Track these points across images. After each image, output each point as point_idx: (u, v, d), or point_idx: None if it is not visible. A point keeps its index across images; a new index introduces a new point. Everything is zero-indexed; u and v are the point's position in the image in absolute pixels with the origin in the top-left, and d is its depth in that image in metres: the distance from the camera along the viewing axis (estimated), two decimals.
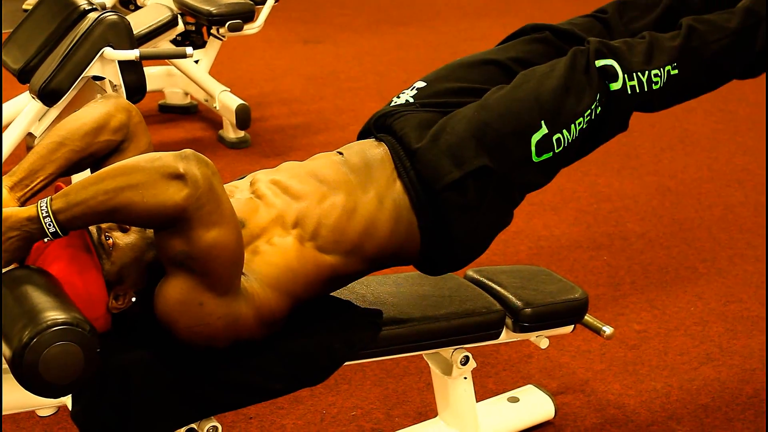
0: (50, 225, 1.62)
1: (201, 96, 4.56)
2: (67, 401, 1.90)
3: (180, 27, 4.10)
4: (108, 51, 3.23)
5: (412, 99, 2.11)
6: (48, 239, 1.65)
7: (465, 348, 2.21)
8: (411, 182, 1.96)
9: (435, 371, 2.28)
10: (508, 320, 2.22)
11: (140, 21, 3.99)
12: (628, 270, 3.27)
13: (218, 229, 1.66)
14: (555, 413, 2.49)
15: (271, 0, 4.38)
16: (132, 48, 3.27)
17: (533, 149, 2.01)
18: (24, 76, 3.45)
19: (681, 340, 2.86)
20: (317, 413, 2.53)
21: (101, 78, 3.32)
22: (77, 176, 2.20)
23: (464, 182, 1.96)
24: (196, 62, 4.42)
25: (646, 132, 4.43)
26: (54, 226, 1.62)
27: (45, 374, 1.54)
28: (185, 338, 1.74)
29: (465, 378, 2.26)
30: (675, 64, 2.17)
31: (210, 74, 4.44)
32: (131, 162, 1.64)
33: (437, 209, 1.96)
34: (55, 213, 1.62)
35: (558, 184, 2.13)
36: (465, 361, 2.21)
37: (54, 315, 1.55)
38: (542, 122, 2.02)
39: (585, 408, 2.56)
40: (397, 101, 2.12)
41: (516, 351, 2.79)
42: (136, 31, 3.72)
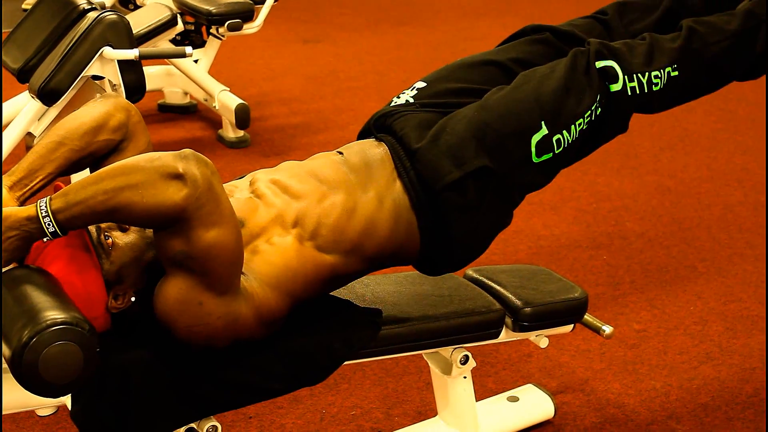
0: (49, 225, 1.62)
1: (200, 95, 4.56)
2: (67, 401, 1.90)
3: (179, 26, 4.10)
4: (107, 50, 3.23)
5: (413, 99, 2.11)
6: (47, 239, 1.65)
7: (464, 347, 2.21)
8: (411, 182, 1.96)
9: (434, 370, 2.28)
10: (508, 319, 2.22)
11: (139, 20, 3.99)
12: (628, 269, 3.27)
13: (218, 229, 1.66)
14: (554, 412, 2.49)
15: (271, 0, 4.39)
16: (131, 47, 3.27)
17: (533, 150, 2.01)
18: (23, 76, 3.45)
19: (680, 340, 2.86)
20: (317, 412, 2.53)
21: (100, 77, 3.32)
22: (76, 176, 2.20)
23: (464, 182, 1.96)
24: (196, 62, 4.42)
25: (646, 131, 4.43)
26: (53, 226, 1.62)
27: (44, 374, 1.54)
28: (185, 338, 1.74)
29: (464, 377, 2.26)
30: (675, 66, 2.17)
31: (209, 74, 4.44)
32: (131, 162, 1.64)
33: (437, 209, 1.96)
34: (55, 213, 1.62)
35: (557, 184, 2.13)
36: (464, 361, 2.21)
37: (53, 314, 1.55)
38: (542, 123, 2.01)
39: (584, 407, 2.56)
40: (397, 101, 2.12)
41: (515, 350, 2.79)
42: (136, 31, 3.72)
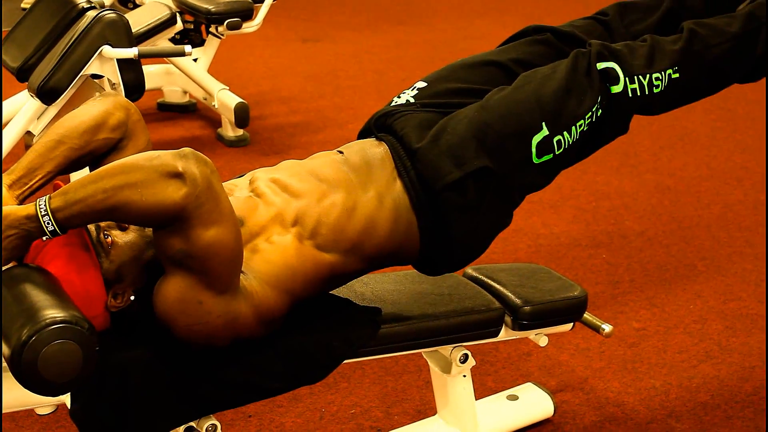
0: (49, 223, 1.62)
1: (200, 94, 4.56)
2: (66, 399, 1.90)
3: (179, 25, 4.10)
4: (106, 49, 3.23)
5: (413, 99, 2.11)
6: (46, 237, 1.65)
7: (464, 346, 2.21)
8: (411, 182, 1.96)
9: (434, 369, 2.28)
10: (507, 318, 2.22)
11: (139, 19, 3.99)
12: (627, 268, 3.27)
13: (217, 228, 1.66)
14: (554, 411, 2.49)
15: None
16: (131, 46, 3.26)
17: (534, 150, 2.01)
18: (22, 75, 3.45)
19: (680, 338, 2.86)
20: (316, 411, 2.53)
21: (100, 76, 3.32)
22: (76, 174, 2.20)
23: (464, 183, 1.96)
24: (195, 60, 4.42)
25: (645, 130, 4.43)
26: (52, 225, 1.62)
27: (44, 372, 1.54)
28: (184, 337, 1.74)
29: (464, 376, 2.26)
30: (676, 68, 2.16)
31: (209, 72, 4.44)
32: (130, 160, 1.64)
33: (437, 209, 1.96)
34: (54, 211, 1.62)
35: (557, 183, 2.13)
36: (464, 359, 2.21)
37: (52, 313, 1.55)
38: (543, 124, 2.01)
39: (584, 406, 2.56)
40: (398, 101, 2.12)
41: (515, 349, 2.79)
42: (135, 30, 3.72)
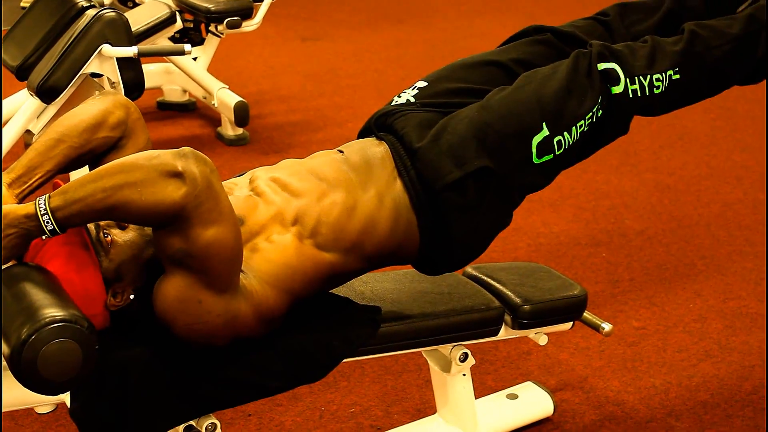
0: (48, 222, 1.62)
1: (199, 93, 4.56)
2: (66, 398, 1.90)
3: (178, 24, 4.09)
4: (106, 48, 3.23)
5: (413, 98, 2.11)
6: (46, 236, 1.65)
7: (464, 345, 2.20)
8: (411, 181, 1.96)
9: (434, 368, 2.28)
10: (507, 317, 2.22)
11: (138, 18, 3.99)
12: (627, 267, 3.27)
13: (217, 227, 1.66)
14: (554, 410, 2.49)
15: None
16: (130, 45, 3.26)
17: (534, 151, 2.01)
18: (22, 73, 3.45)
19: (680, 337, 2.86)
20: (316, 410, 2.53)
21: (99, 75, 3.32)
22: (75, 173, 2.20)
23: (464, 182, 1.96)
24: (195, 59, 4.41)
25: (645, 129, 4.43)
26: (52, 224, 1.62)
27: (43, 371, 1.54)
28: (184, 336, 1.74)
29: (464, 375, 2.26)
30: (677, 69, 2.16)
31: (208, 71, 4.44)
32: (129, 159, 1.64)
33: (437, 209, 1.96)
34: (53, 210, 1.62)
35: (556, 181, 2.13)
36: (464, 358, 2.21)
37: (52, 312, 1.55)
38: (543, 124, 2.01)
39: (584, 405, 2.56)
40: (398, 100, 2.12)
41: (515, 348, 2.79)
42: (134, 28, 3.72)
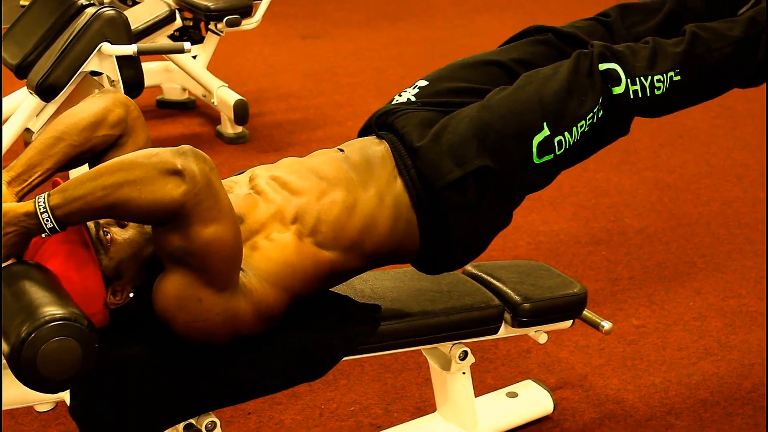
0: (48, 220, 1.62)
1: (199, 91, 4.55)
2: (66, 396, 1.90)
3: (178, 22, 4.09)
4: (106, 46, 3.23)
5: (414, 98, 2.11)
6: (46, 235, 1.65)
7: (463, 343, 2.20)
8: (411, 180, 1.96)
9: (433, 366, 2.28)
10: (507, 315, 2.22)
11: (138, 16, 3.99)
12: (627, 265, 3.27)
13: (216, 225, 1.66)
14: (554, 408, 2.49)
15: None
16: (130, 43, 3.26)
17: (534, 151, 2.01)
18: (22, 72, 3.45)
19: (680, 335, 2.86)
20: (316, 408, 2.53)
21: (99, 73, 3.32)
22: (75, 171, 2.20)
23: (464, 182, 1.95)
24: (194, 58, 4.41)
25: (645, 127, 4.42)
26: (52, 222, 1.62)
27: (43, 369, 1.54)
28: (184, 334, 1.74)
29: (463, 373, 2.26)
30: (678, 70, 2.16)
31: (208, 70, 4.44)
32: (129, 158, 1.64)
33: (437, 208, 1.96)
34: (53, 209, 1.61)
35: (556, 180, 2.13)
36: (464, 356, 2.21)
37: (52, 310, 1.55)
38: (544, 124, 2.01)
39: (583, 403, 2.56)
40: (399, 99, 2.12)
41: (515, 346, 2.79)
42: (134, 27, 3.72)
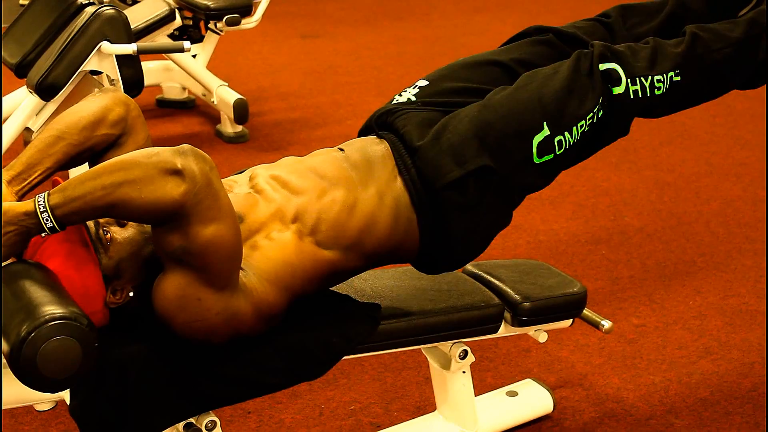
0: (48, 220, 1.62)
1: (199, 90, 4.55)
2: (66, 396, 1.90)
3: (177, 21, 4.10)
4: (105, 45, 3.23)
5: (414, 97, 2.11)
6: (45, 234, 1.65)
7: (463, 342, 2.20)
8: (411, 180, 1.96)
9: (433, 365, 2.28)
10: (507, 314, 2.22)
11: (137, 15, 3.99)
12: (627, 264, 3.27)
13: (216, 225, 1.66)
14: (554, 407, 2.49)
15: None
16: (129, 42, 3.26)
17: (534, 150, 2.01)
18: (21, 71, 3.45)
19: (679, 334, 2.86)
20: (315, 407, 2.53)
21: (99, 72, 3.32)
22: (75, 170, 2.20)
23: (465, 181, 1.95)
24: (194, 57, 4.41)
25: (645, 126, 4.42)
26: (51, 221, 1.62)
27: (43, 369, 1.54)
28: (183, 333, 1.74)
29: (463, 372, 2.26)
30: (678, 71, 2.16)
31: (207, 69, 4.44)
32: (129, 157, 1.64)
33: (437, 208, 1.96)
34: (53, 208, 1.61)
35: (556, 179, 2.14)
36: (463, 355, 2.21)
37: (52, 309, 1.55)
38: (544, 124, 2.01)
39: (583, 402, 2.56)
40: (399, 99, 2.12)
41: (514, 345, 2.79)
42: (134, 26, 3.72)
